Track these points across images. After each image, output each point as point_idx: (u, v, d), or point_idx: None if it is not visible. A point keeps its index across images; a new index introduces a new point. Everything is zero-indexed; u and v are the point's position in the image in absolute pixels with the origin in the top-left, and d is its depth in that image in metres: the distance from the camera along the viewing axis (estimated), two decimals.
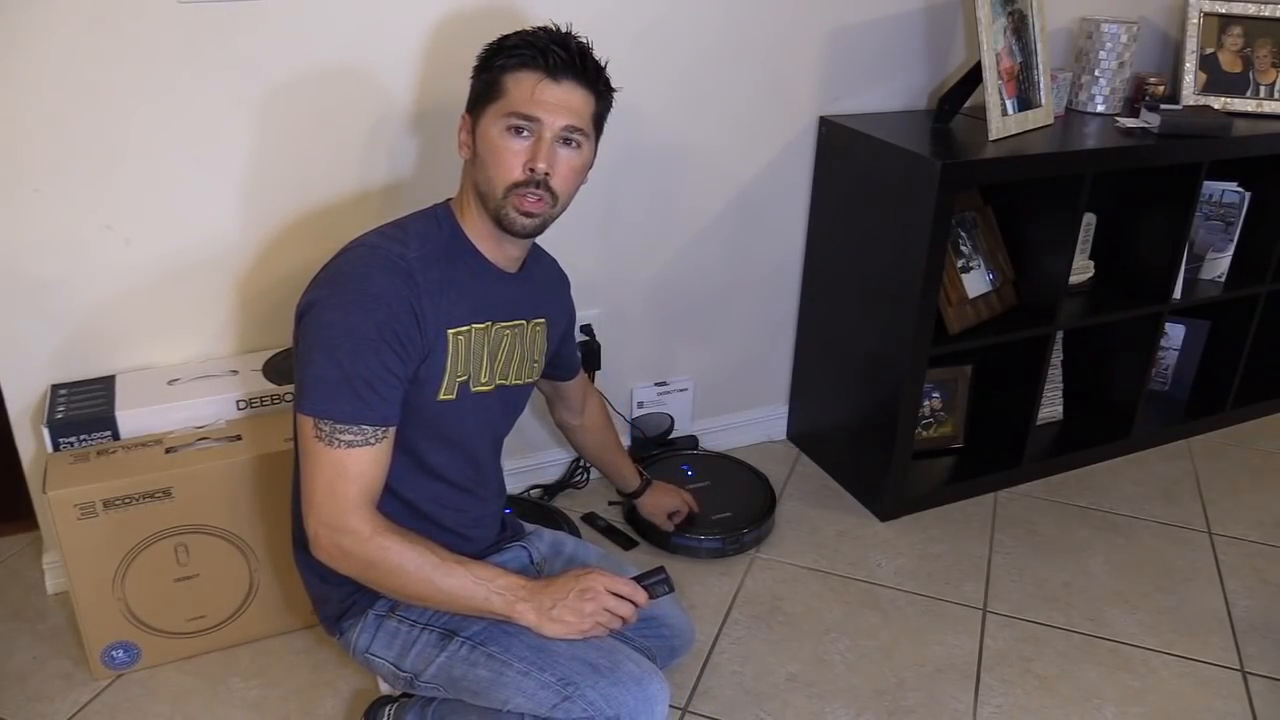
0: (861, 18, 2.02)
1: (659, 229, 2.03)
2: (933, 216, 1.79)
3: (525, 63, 1.17)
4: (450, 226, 1.25)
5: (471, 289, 1.24)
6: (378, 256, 1.17)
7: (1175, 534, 2.09)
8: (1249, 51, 2.32)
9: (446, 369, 1.22)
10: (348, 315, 1.13)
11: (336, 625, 1.33)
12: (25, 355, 1.60)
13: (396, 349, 1.14)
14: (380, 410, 1.14)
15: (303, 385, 1.14)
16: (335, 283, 1.16)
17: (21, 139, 1.48)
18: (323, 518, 1.14)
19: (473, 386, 1.27)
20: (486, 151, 1.20)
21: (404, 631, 1.27)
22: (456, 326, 1.22)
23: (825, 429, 2.27)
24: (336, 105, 1.64)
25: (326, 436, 1.13)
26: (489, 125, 1.19)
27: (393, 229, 1.23)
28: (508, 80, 1.18)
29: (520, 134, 1.18)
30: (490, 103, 1.19)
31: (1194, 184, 2.06)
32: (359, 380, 1.12)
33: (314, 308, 1.15)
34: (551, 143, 1.19)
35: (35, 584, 1.79)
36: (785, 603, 1.83)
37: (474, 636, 1.23)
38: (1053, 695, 1.64)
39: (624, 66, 1.83)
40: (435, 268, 1.20)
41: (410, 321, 1.15)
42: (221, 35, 1.53)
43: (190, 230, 1.63)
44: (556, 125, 1.18)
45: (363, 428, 1.13)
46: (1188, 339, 2.49)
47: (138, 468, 1.49)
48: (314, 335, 1.14)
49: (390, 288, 1.14)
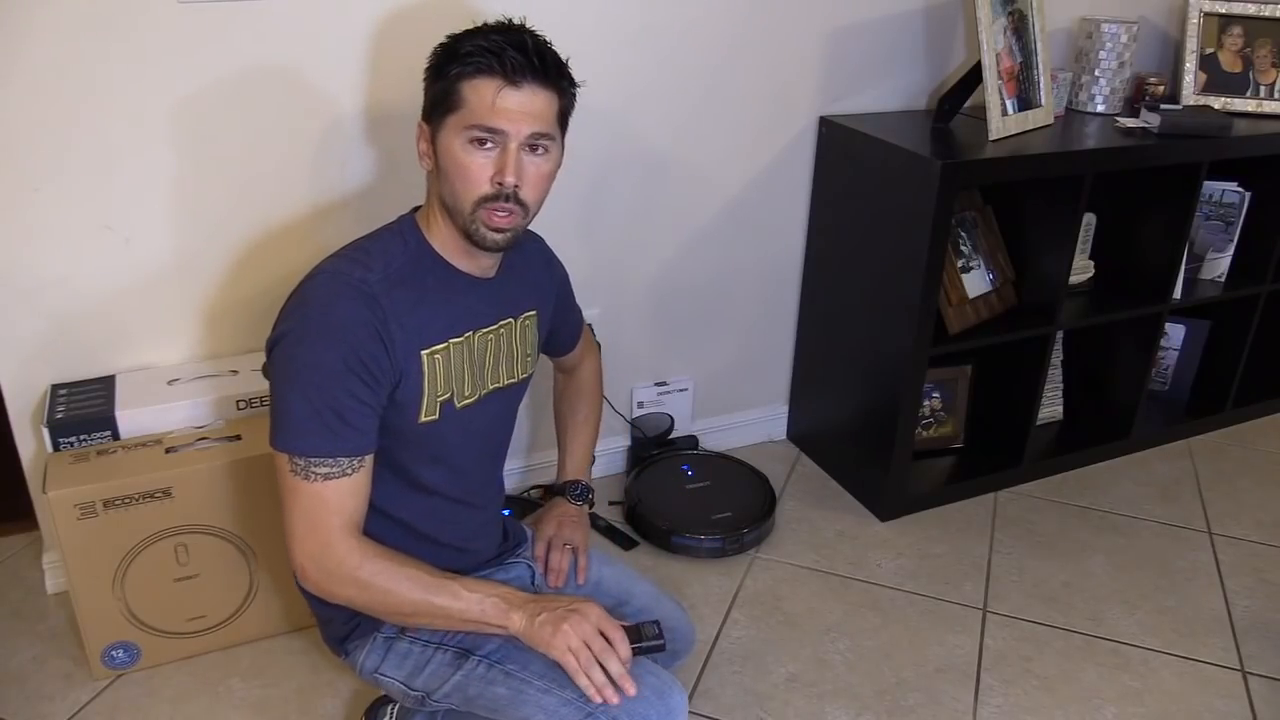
0: (861, 18, 2.02)
1: (659, 229, 2.03)
2: (933, 217, 1.79)
3: (481, 69, 1.10)
4: (416, 241, 1.20)
5: (444, 304, 1.20)
6: (338, 283, 1.13)
7: (1175, 534, 2.09)
8: (1249, 51, 2.32)
9: (424, 391, 1.18)
10: (312, 348, 1.10)
11: (342, 646, 1.30)
12: (25, 355, 1.60)
13: (364, 377, 1.11)
14: (353, 440, 1.12)
15: (274, 421, 1.12)
16: (297, 315, 1.12)
17: (21, 139, 1.48)
18: (308, 551, 1.13)
19: (457, 403, 1.23)
20: (449, 166, 1.14)
21: (416, 652, 1.25)
22: (431, 346, 1.18)
23: (825, 429, 2.27)
24: (331, 100, 1.64)
25: (302, 471, 1.10)
26: (449, 138, 1.13)
27: (355, 250, 1.18)
28: (464, 89, 1.11)
29: (484, 146, 1.12)
30: (448, 114, 1.13)
31: (1194, 184, 2.06)
32: (328, 413, 1.09)
33: (279, 343, 1.12)
34: (517, 152, 1.12)
35: (35, 584, 1.79)
36: (785, 603, 1.83)
37: (490, 655, 1.21)
38: (1053, 695, 1.64)
39: (624, 67, 1.85)
40: (402, 287, 1.15)
41: (377, 348, 1.12)
42: (222, 35, 1.53)
43: (190, 230, 1.63)
44: (522, 134, 1.12)
45: (337, 460, 1.11)
46: (1188, 339, 2.49)
47: (138, 468, 1.49)
48: (281, 370, 1.12)
49: (353, 316, 1.10)
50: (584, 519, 1.52)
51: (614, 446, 2.19)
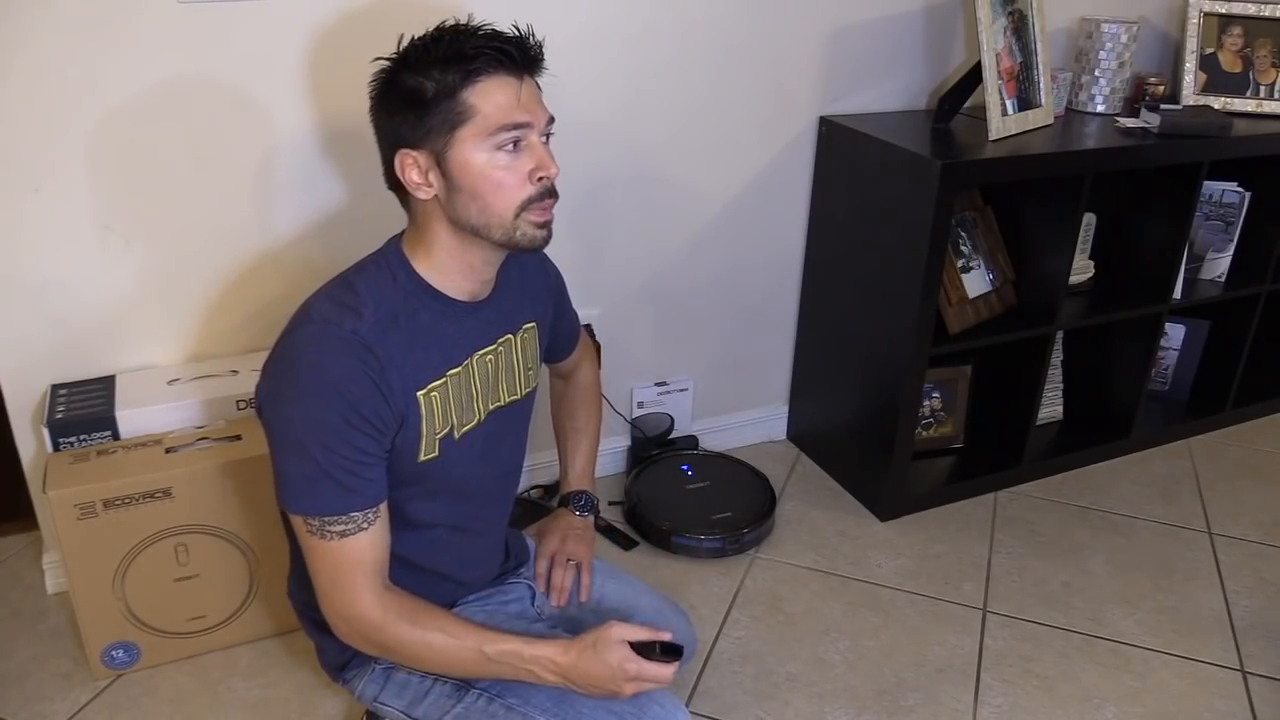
0: (861, 18, 2.02)
1: (659, 229, 2.03)
2: (933, 216, 1.79)
3: (486, 72, 1.05)
4: (405, 274, 1.14)
5: (439, 336, 1.15)
6: (328, 336, 1.06)
7: (1175, 534, 2.09)
8: (1249, 51, 2.32)
9: (423, 432, 1.14)
10: (309, 410, 1.05)
11: (340, 674, 1.29)
12: (25, 355, 1.60)
13: (367, 430, 1.07)
14: (365, 493, 1.09)
15: (281, 481, 1.09)
16: (289, 375, 1.07)
17: (21, 139, 1.48)
18: (335, 608, 1.12)
19: (457, 434, 1.18)
20: (477, 184, 1.07)
21: (415, 682, 1.24)
22: (426, 385, 1.14)
23: (825, 429, 2.27)
24: (338, 102, 1.64)
25: (318, 531, 1.08)
26: (467, 154, 1.06)
27: (342, 290, 1.11)
28: (472, 97, 1.05)
29: (515, 148, 1.08)
30: (456, 128, 1.06)
31: (1194, 184, 2.06)
32: (338, 471, 1.06)
33: (271, 402, 1.07)
34: (542, 142, 1.10)
35: (35, 584, 1.79)
36: (785, 603, 1.83)
37: (490, 688, 1.19)
38: (1053, 695, 1.64)
39: (624, 66, 1.85)
40: (394, 330, 1.10)
41: (377, 399, 1.07)
42: (223, 35, 1.53)
43: (190, 230, 1.63)
44: (541, 123, 1.10)
45: (351, 515, 1.08)
46: (1188, 339, 2.49)
47: (138, 468, 1.49)
48: (280, 432, 1.07)
49: (348, 372, 1.05)
50: (588, 532, 1.48)
51: (614, 446, 2.19)
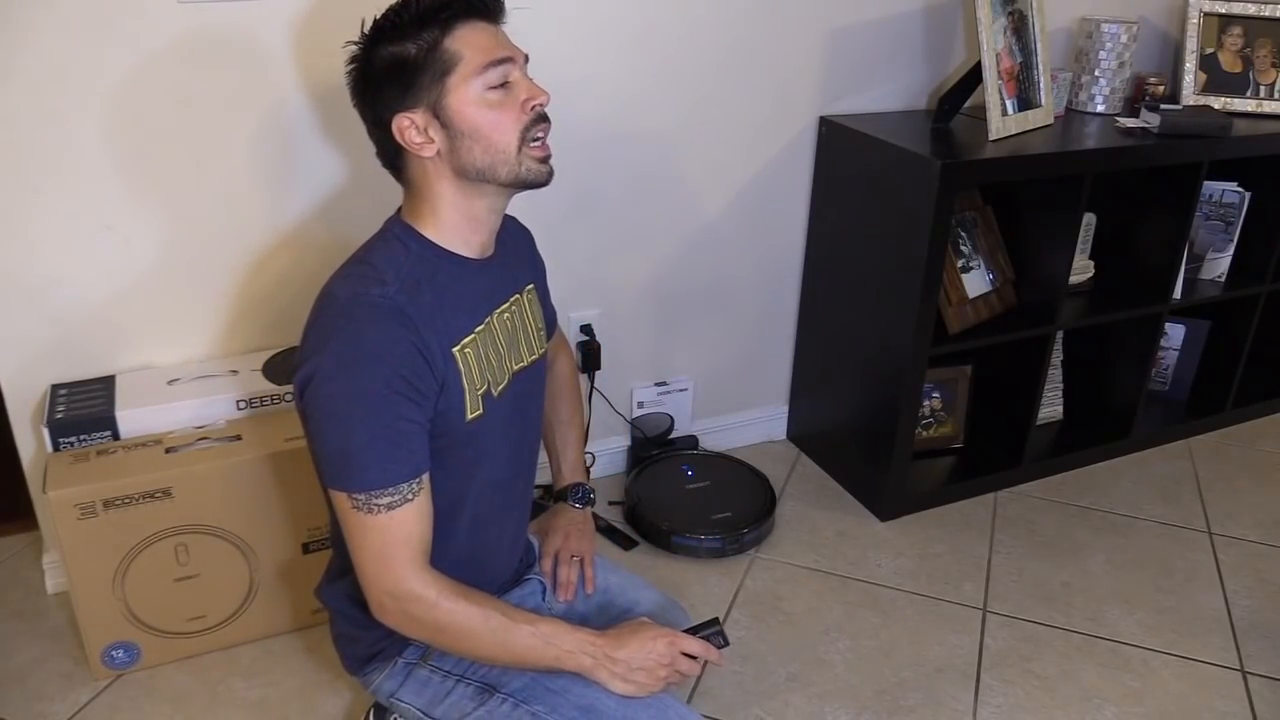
0: (861, 18, 2.02)
1: (659, 229, 2.03)
2: (933, 216, 1.79)
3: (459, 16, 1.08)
4: (416, 241, 1.15)
5: (461, 295, 1.16)
6: (361, 305, 1.08)
7: (1175, 534, 2.09)
8: (1249, 51, 2.32)
9: (465, 389, 1.14)
10: (350, 381, 1.05)
11: (362, 668, 1.29)
12: (25, 355, 1.60)
13: (411, 396, 1.07)
14: (409, 463, 1.09)
15: (325, 459, 1.09)
16: (328, 349, 1.07)
17: (21, 139, 1.48)
18: (384, 586, 1.10)
19: (494, 391, 1.19)
20: (475, 124, 1.10)
21: (436, 681, 1.23)
22: (459, 342, 1.15)
23: (825, 429, 2.27)
24: (335, 101, 1.64)
25: (364, 505, 1.07)
26: (460, 99, 1.09)
27: (359, 266, 1.13)
28: (452, 45, 1.08)
29: (502, 86, 1.10)
30: (444, 77, 1.08)
31: (1194, 184, 2.06)
32: (381, 441, 1.06)
33: (313, 381, 1.07)
34: (525, 74, 1.13)
35: (35, 584, 1.79)
36: (785, 603, 1.83)
37: (516, 694, 1.19)
38: (1053, 695, 1.64)
39: (624, 66, 1.85)
40: (421, 292, 1.11)
41: (419, 362, 1.08)
42: (224, 34, 1.53)
43: (191, 230, 1.63)
44: (520, 58, 1.13)
45: (398, 487, 1.08)
46: (1188, 339, 2.49)
47: (138, 468, 1.49)
48: (322, 408, 1.07)
49: (386, 337, 1.06)
50: (589, 525, 1.49)
51: (614, 446, 2.19)
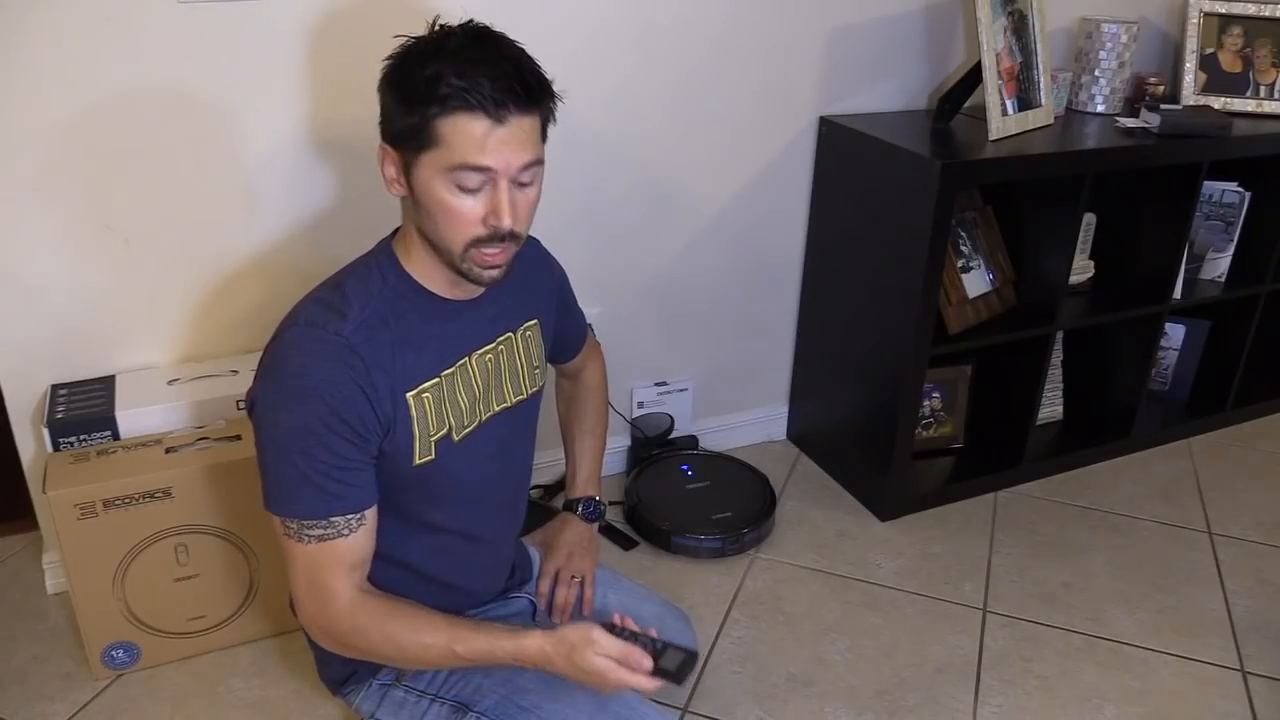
0: (861, 18, 2.02)
1: (659, 229, 2.03)
2: (933, 216, 1.79)
3: (461, 107, 0.98)
4: (395, 273, 1.11)
5: (430, 337, 1.12)
6: (311, 339, 1.05)
7: (1175, 534, 2.09)
8: (1249, 51, 2.32)
9: (415, 434, 1.11)
10: (290, 414, 1.04)
11: (339, 689, 1.29)
12: (25, 355, 1.60)
13: (349, 437, 1.05)
14: (347, 499, 1.07)
15: (264, 483, 1.09)
16: (273, 378, 1.06)
17: (22, 139, 1.48)
18: (308, 613, 1.11)
19: (456, 436, 1.16)
20: (432, 207, 1.04)
21: (411, 702, 1.23)
22: (417, 386, 1.11)
23: (825, 429, 2.27)
24: (337, 102, 1.64)
25: (295, 534, 1.07)
26: (428, 177, 1.02)
27: (330, 292, 1.10)
28: (442, 127, 0.99)
29: (475, 187, 1.02)
30: (423, 150, 1.01)
31: (1194, 184, 2.06)
32: (317, 475, 1.05)
33: (257, 406, 1.07)
34: (509, 190, 1.03)
35: (35, 584, 1.79)
36: (785, 603, 1.83)
37: (488, 711, 1.18)
38: (1053, 695, 1.64)
39: (625, 66, 1.85)
40: (380, 331, 1.08)
41: (360, 403, 1.05)
42: (223, 34, 1.53)
43: (190, 230, 1.63)
44: (512, 169, 1.02)
45: (332, 520, 1.07)
46: (1188, 339, 2.49)
47: (138, 468, 1.49)
48: (264, 434, 1.07)
49: (330, 376, 1.04)
50: (594, 542, 1.46)
51: (614, 446, 2.19)
